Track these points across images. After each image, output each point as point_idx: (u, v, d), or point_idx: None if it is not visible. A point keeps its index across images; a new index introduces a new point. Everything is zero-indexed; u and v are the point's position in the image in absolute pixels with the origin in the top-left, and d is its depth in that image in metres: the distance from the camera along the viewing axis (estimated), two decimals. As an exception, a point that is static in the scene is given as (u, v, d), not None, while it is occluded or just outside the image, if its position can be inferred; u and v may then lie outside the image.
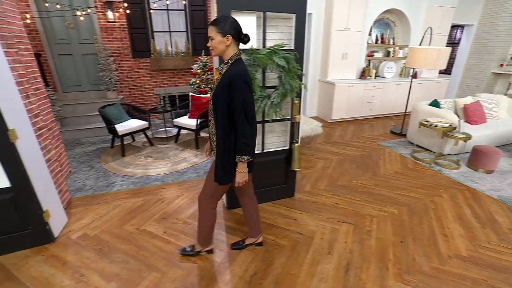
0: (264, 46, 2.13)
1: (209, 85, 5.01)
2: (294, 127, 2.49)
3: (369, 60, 5.81)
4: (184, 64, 5.31)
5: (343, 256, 2.00)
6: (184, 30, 5.35)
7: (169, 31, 5.28)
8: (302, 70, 2.20)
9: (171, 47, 5.33)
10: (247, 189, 1.88)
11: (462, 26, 6.44)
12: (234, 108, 1.46)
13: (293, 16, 2.14)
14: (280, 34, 2.26)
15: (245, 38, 1.53)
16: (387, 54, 5.86)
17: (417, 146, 4.02)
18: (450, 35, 5.88)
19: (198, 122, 3.87)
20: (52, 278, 1.85)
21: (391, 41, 5.82)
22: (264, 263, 1.95)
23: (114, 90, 4.96)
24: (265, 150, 2.49)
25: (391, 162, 3.60)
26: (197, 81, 4.90)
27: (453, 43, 7.09)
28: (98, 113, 4.61)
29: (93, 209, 2.61)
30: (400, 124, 5.23)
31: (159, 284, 1.78)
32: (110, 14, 4.68)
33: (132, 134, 3.92)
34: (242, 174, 1.60)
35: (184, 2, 4.85)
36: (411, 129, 4.16)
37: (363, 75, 5.65)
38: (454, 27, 6.53)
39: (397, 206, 2.60)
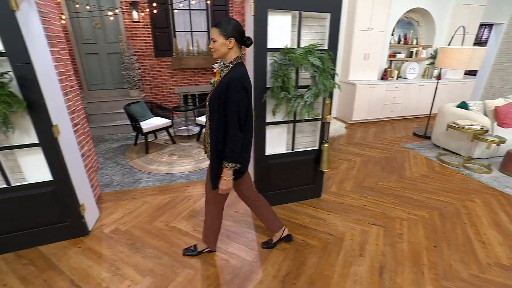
0: (298, 45, 2.13)
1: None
2: (325, 127, 2.48)
3: (391, 61, 5.70)
4: (205, 63, 5.37)
5: (375, 258, 1.98)
6: (206, 29, 5.41)
7: (191, 31, 5.35)
8: (335, 70, 2.18)
9: (192, 47, 5.40)
10: (248, 191, 1.87)
11: (491, 25, 6.22)
12: (228, 112, 1.44)
13: (328, 15, 2.13)
14: (312, 34, 2.25)
15: (248, 41, 1.53)
16: (410, 55, 5.74)
17: (443, 149, 3.92)
18: (476, 35, 5.69)
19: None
20: (90, 270, 1.91)
21: (414, 41, 5.69)
22: (296, 263, 1.95)
23: (136, 88, 5.07)
24: (295, 150, 2.49)
25: (417, 165, 3.53)
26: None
27: (480, 43, 6.87)
28: (121, 111, 4.74)
29: (122, 204, 2.68)
30: (423, 126, 5.11)
31: (193, 281, 1.81)
32: (135, 14, 4.79)
33: (155, 132, 3.99)
34: (226, 181, 1.54)
35: (208, 2, 4.90)
36: (436, 132, 4.06)
37: (384, 76, 5.56)
38: (481, 26, 6.31)
39: (427, 210, 2.55)
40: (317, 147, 2.56)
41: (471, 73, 6.62)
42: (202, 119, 4.16)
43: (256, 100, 2.18)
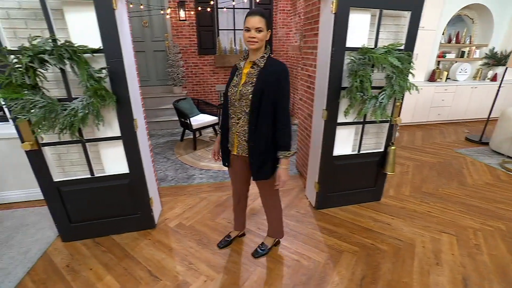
0: (376, 45, 2.08)
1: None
2: (393, 129, 2.41)
3: (439, 61, 5.45)
4: (247, 62, 5.40)
5: (455, 269, 1.90)
6: (248, 28, 5.44)
7: (234, 29, 5.40)
8: (412, 71, 2.11)
9: (235, 45, 5.46)
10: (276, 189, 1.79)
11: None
12: (280, 101, 1.47)
13: (408, 14, 2.07)
14: (386, 33, 2.20)
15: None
16: (461, 55, 5.45)
17: (507, 156, 3.69)
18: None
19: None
20: (164, 262, 1.98)
21: (467, 40, 5.40)
22: (369, 267, 1.91)
23: (180, 85, 5.20)
24: (361, 152, 2.45)
25: (478, 172, 3.35)
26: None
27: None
28: (165, 107, 4.89)
29: (181, 199, 2.76)
30: (477, 131, 4.85)
31: (268, 280, 1.83)
32: (182, 13, 4.92)
33: (202, 129, 4.07)
34: (285, 171, 1.57)
35: (257, 0, 4.92)
36: (497, 137, 3.83)
37: (432, 77, 5.32)
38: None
39: (502, 221, 2.41)
40: (381, 150, 2.50)
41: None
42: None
43: (329, 100, 2.16)
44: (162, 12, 4.68)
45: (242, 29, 5.44)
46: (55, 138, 1.87)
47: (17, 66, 1.59)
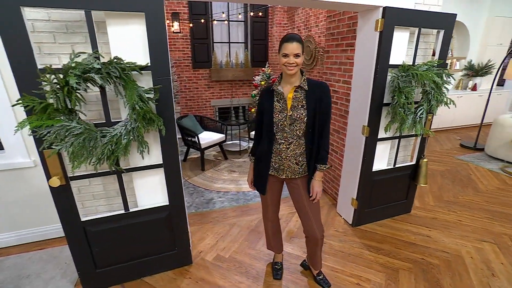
0: (414, 62, 2.21)
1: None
2: (425, 142, 2.55)
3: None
4: (243, 76, 5.42)
5: None
6: (243, 41, 5.50)
7: (229, 42, 5.42)
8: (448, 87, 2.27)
9: (230, 58, 5.46)
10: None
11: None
12: (326, 116, 1.57)
13: (441, 32, 2.24)
14: (419, 50, 2.35)
15: None
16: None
17: (503, 161, 4.07)
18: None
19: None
20: (217, 300, 1.84)
21: (449, 53, 5.97)
22: (431, 284, 1.95)
23: (174, 100, 5.03)
24: (397, 166, 2.54)
25: (485, 178, 3.64)
26: (260, 93, 4.98)
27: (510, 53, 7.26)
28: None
29: (209, 228, 2.62)
30: (467, 137, 5.31)
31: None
32: (175, 25, 4.82)
33: (210, 147, 3.96)
34: (320, 183, 1.66)
35: (251, 14, 5.00)
36: (493, 144, 4.22)
37: (421, 87, 5.76)
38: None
39: (528, 224, 2.63)
40: (413, 162, 2.62)
41: (498, 83, 6.97)
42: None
43: (371, 116, 2.23)
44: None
45: (237, 42, 5.53)
46: (85, 169, 1.70)
47: (58, 87, 1.43)
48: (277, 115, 1.59)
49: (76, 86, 1.44)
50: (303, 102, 1.54)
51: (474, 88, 5.97)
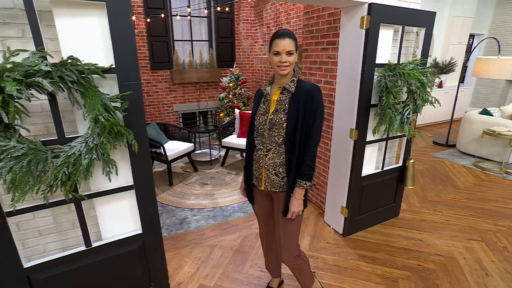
0: (398, 61, 2.29)
1: (242, 100, 5.04)
2: (411, 143, 2.65)
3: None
4: (210, 77, 5.27)
5: (504, 277, 2.12)
6: (207, 39, 5.36)
7: (191, 40, 5.24)
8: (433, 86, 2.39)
9: (193, 58, 5.28)
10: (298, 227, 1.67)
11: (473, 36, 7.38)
12: (313, 125, 1.43)
13: (422, 30, 2.35)
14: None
15: None
16: (411, 64, 6.45)
17: (474, 156, 4.44)
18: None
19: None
20: None
21: (416, 51, 6.43)
22: (432, 292, 2.01)
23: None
24: (385, 169, 2.60)
25: (461, 174, 3.94)
26: (230, 96, 4.91)
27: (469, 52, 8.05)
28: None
29: (186, 253, 2.45)
30: (438, 134, 5.74)
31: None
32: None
33: (178, 159, 3.75)
34: (299, 201, 1.49)
35: (218, 9, 4.90)
36: (464, 139, 4.60)
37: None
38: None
39: (509, 219, 2.85)
40: (399, 164, 2.71)
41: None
42: (231, 140, 4.04)
43: (359, 118, 2.26)
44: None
45: (200, 40, 5.37)
46: (28, 200, 1.44)
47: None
48: (258, 117, 1.53)
49: (17, 95, 1.21)
50: (286, 106, 1.45)
51: (440, 85, 6.50)
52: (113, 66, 1.45)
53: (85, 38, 1.42)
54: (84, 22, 1.40)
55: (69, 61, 1.32)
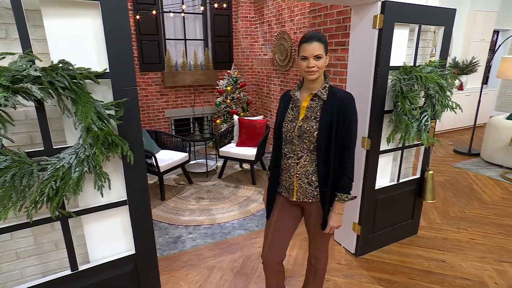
0: (415, 63, 2.37)
1: (241, 105, 5.12)
2: (429, 152, 2.71)
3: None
4: (205, 80, 5.36)
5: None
6: (202, 38, 5.47)
7: (184, 39, 5.35)
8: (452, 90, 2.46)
9: (187, 58, 5.37)
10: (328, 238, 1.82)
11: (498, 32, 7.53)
12: (348, 138, 1.53)
13: (442, 28, 2.43)
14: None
15: None
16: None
17: (502, 167, 4.50)
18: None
19: (257, 152, 3.90)
20: None
21: (434, 50, 6.55)
22: (457, 320, 2.03)
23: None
24: (401, 181, 2.65)
25: (487, 187, 3.98)
26: (227, 101, 4.99)
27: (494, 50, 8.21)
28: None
29: (181, 276, 2.47)
30: (459, 141, 5.81)
31: None
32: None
33: (170, 170, 3.79)
34: (339, 216, 1.61)
35: (215, 6, 5.02)
36: (489, 148, 4.66)
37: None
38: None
39: (544, 237, 2.90)
40: (416, 176, 2.77)
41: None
42: (230, 150, 4.09)
43: (372, 126, 2.32)
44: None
45: (194, 39, 5.48)
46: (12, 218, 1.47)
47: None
48: (287, 124, 1.60)
49: (4, 102, 1.27)
50: (317, 113, 1.53)
51: (460, 87, 6.60)
52: (107, 70, 1.52)
53: (76, 40, 1.49)
54: (76, 23, 1.48)
55: (60, 65, 1.38)
